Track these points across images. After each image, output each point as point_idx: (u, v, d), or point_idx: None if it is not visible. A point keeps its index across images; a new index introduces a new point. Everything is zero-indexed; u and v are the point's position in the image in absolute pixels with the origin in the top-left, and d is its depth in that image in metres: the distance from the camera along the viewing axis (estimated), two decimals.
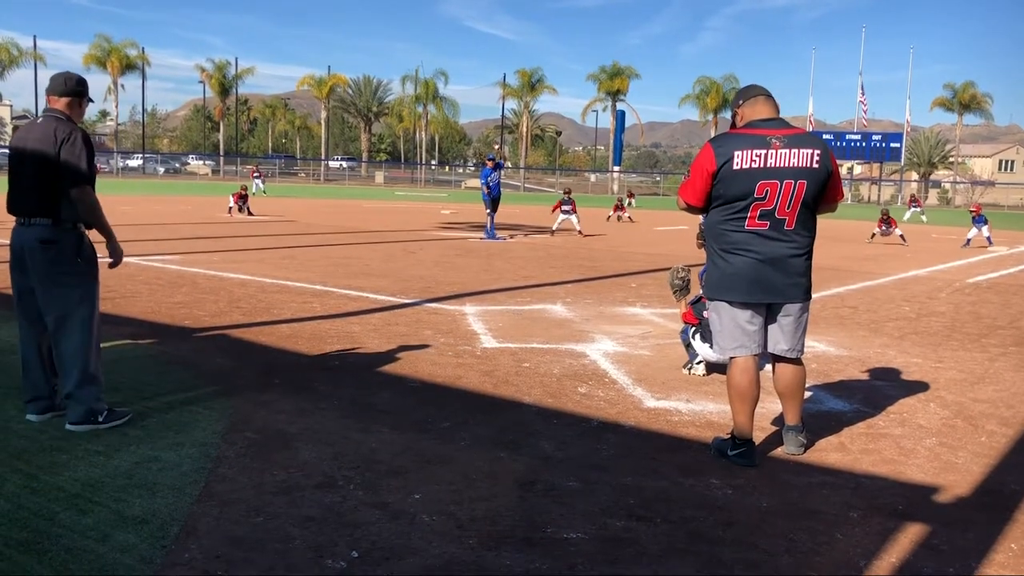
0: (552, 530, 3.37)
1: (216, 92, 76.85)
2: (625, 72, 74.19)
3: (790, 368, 4.35)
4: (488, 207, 18.49)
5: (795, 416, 4.40)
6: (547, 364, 6.19)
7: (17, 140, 4.42)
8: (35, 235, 4.28)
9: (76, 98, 4.43)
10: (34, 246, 4.28)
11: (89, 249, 4.42)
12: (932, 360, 6.84)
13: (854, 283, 12.06)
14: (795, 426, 4.40)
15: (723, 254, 4.20)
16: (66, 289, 4.33)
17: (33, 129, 4.37)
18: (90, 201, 4.28)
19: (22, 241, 4.32)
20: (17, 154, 4.35)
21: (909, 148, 69.96)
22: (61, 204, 4.25)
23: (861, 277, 12.92)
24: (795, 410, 4.39)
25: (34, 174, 4.27)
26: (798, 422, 4.40)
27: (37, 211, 4.27)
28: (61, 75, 4.47)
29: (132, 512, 3.38)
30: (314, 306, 8.49)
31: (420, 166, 79.39)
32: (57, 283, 4.31)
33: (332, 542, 3.19)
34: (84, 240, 4.38)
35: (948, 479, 4.09)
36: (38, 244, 4.27)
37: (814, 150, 4.08)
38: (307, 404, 4.98)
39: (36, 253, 4.28)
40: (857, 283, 12.11)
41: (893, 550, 3.28)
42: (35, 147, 4.26)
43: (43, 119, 4.38)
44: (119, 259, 4.53)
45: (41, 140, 4.25)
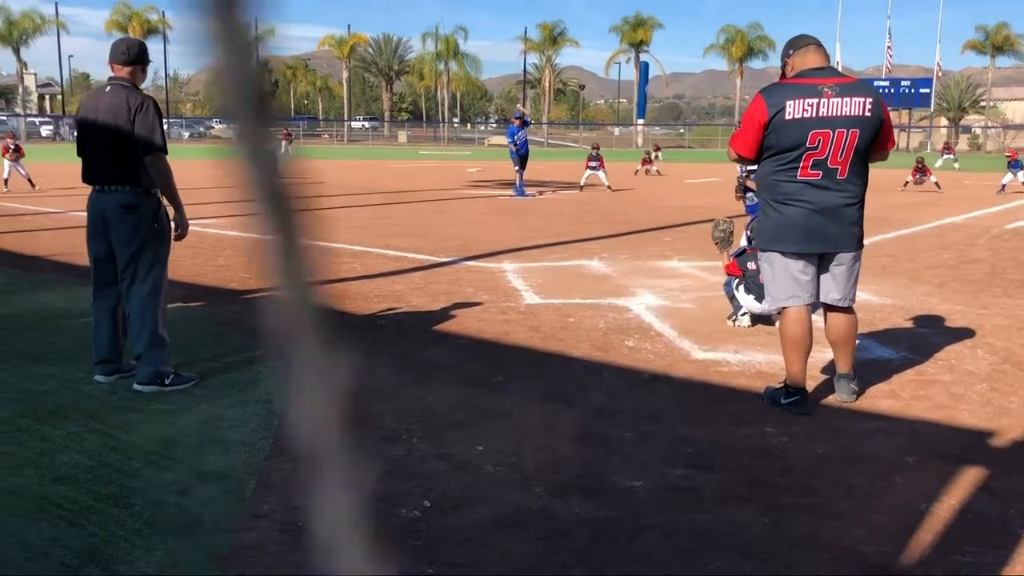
0: (614, 479, 3.46)
1: None
2: (648, 22, 73.03)
3: (843, 317, 4.38)
4: (516, 164, 18.45)
5: (847, 364, 4.44)
6: (591, 319, 6.26)
7: (87, 110, 4.50)
8: (117, 201, 4.41)
9: (139, 65, 4.52)
10: (117, 211, 4.41)
11: (165, 215, 4.55)
12: (975, 307, 6.83)
13: (891, 231, 11.97)
14: (847, 374, 4.44)
15: (776, 205, 4.21)
16: (144, 253, 4.45)
17: (102, 97, 4.46)
18: (164, 168, 4.40)
19: (103, 207, 4.44)
20: (89, 124, 4.43)
21: (939, 93, 68.61)
22: (140, 171, 4.37)
23: (897, 225, 12.81)
24: (847, 358, 4.43)
25: (109, 143, 4.37)
26: (850, 370, 4.44)
27: (117, 178, 4.39)
28: (123, 42, 4.56)
29: (208, 468, 3.51)
30: (355, 266, 8.59)
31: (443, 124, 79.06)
32: (136, 247, 4.43)
33: (405, 492, 3.30)
34: (161, 206, 4.51)
35: (1002, 424, 4.13)
36: (120, 210, 4.40)
37: (866, 98, 4.07)
38: (361, 361, 5.09)
39: (119, 218, 4.41)
40: (894, 231, 12.02)
41: (953, 493, 3.33)
42: (108, 117, 4.34)
43: (111, 88, 4.46)
44: (185, 230, 4.66)
45: (114, 109, 4.34)
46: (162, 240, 4.55)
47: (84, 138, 4.50)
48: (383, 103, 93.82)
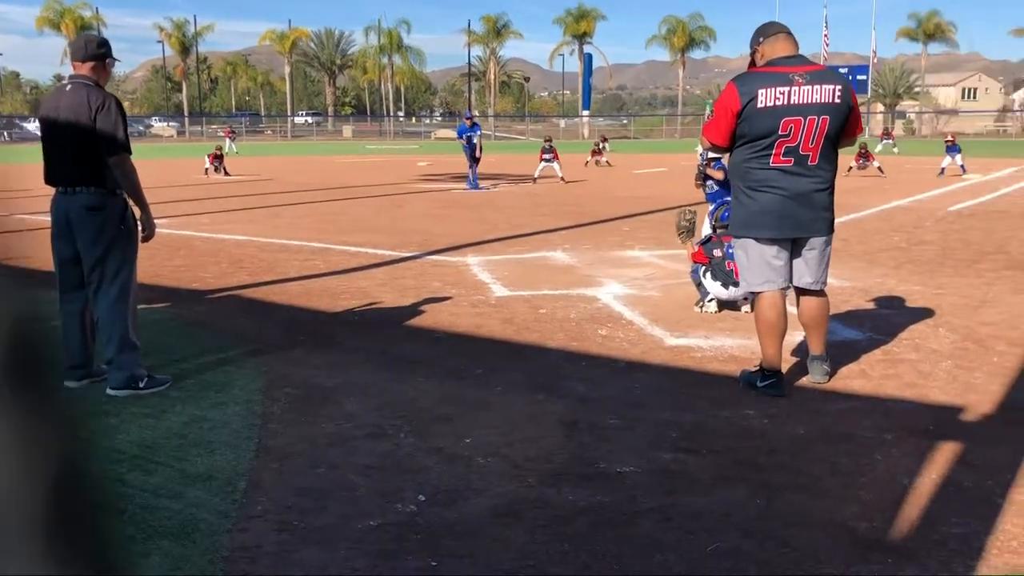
0: (605, 465, 3.50)
1: (176, 51, 75.28)
2: (592, 14, 73.47)
3: (815, 300, 4.48)
4: (469, 158, 18.44)
5: (820, 346, 4.54)
6: (563, 309, 6.30)
7: (48, 109, 4.37)
8: (81, 203, 4.28)
9: (100, 61, 4.38)
10: (81, 214, 4.28)
11: (132, 216, 4.43)
12: (932, 287, 7.03)
13: (841, 216, 12.12)
14: (820, 355, 4.54)
15: (749, 192, 4.28)
16: (110, 255, 4.35)
17: (63, 96, 4.32)
18: (128, 168, 4.29)
19: (67, 209, 4.32)
20: (51, 124, 4.32)
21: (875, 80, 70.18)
22: (104, 171, 4.26)
23: (846, 210, 13.06)
24: (820, 340, 4.53)
25: (72, 143, 4.25)
26: (822, 351, 4.54)
27: (81, 179, 4.27)
28: (82, 38, 4.50)
29: (196, 470, 3.46)
30: (317, 263, 8.51)
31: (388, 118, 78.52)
32: (102, 249, 4.33)
33: (397, 488, 3.29)
34: (127, 207, 4.39)
35: (970, 399, 4.26)
36: (85, 211, 4.28)
37: (836, 85, 4.16)
38: (338, 358, 5.06)
39: (84, 220, 4.29)
40: (844, 216, 12.22)
41: (932, 468, 3.44)
42: (69, 116, 4.22)
43: (72, 86, 4.33)
44: (152, 231, 4.55)
45: (74, 108, 4.22)
46: (129, 242, 4.44)
47: (47, 139, 4.38)
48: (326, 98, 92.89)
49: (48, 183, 4.44)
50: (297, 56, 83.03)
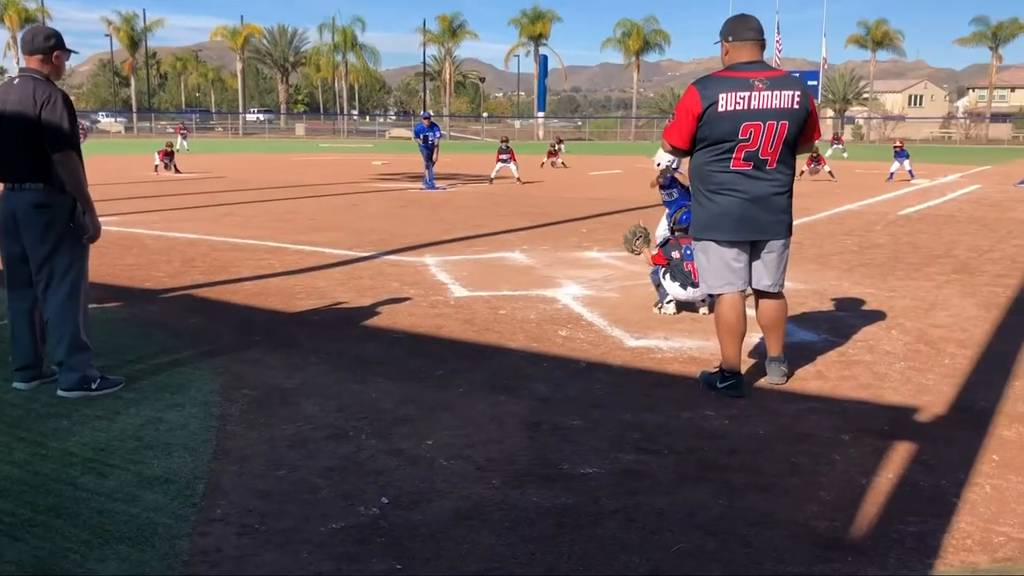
0: (568, 466, 3.50)
1: (125, 45, 73.81)
2: (547, 16, 73.60)
3: (773, 302, 4.53)
4: (426, 158, 18.37)
5: (778, 348, 4.60)
6: (522, 310, 6.29)
7: None
8: (28, 200, 4.15)
9: (47, 54, 4.21)
10: (28, 211, 4.16)
11: (81, 215, 4.27)
12: (884, 290, 7.17)
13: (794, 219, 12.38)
14: (778, 357, 4.60)
15: (709, 195, 4.32)
16: (59, 254, 4.22)
17: (11, 91, 4.18)
18: (72, 166, 4.13)
19: (14, 206, 4.19)
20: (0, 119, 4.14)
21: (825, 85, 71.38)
22: (52, 168, 4.12)
23: (800, 213, 13.14)
24: (778, 342, 4.59)
25: (18, 139, 4.11)
26: (780, 353, 4.60)
27: (28, 176, 4.14)
28: (30, 31, 4.30)
29: (153, 473, 3.39)
30: (272, 263, 8.40)
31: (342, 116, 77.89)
32: (50, 247, 4.20)
33: (359, 490, 3.26)
34: (76, 205, 4.24)
35: (923, 400, 4.35)
36: (32, 209, 4.16)
37: (795, 92, 4.21)
38: (296, 359, 4.99)
39: (30, 218, 4.17)
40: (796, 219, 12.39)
41: (889, 467, 3.50)
42: (15, 110, 4.09)
43: (20, 80, 4.20)
44: (96, 233, 4.33)
45: (20, 103, 4.08)
46: (78, 240, 4.29)
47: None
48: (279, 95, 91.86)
49: None
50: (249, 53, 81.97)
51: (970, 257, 9.03)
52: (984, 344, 5.45)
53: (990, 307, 6.51)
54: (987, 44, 71.11)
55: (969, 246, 9.88)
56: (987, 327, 5.89)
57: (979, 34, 70.88)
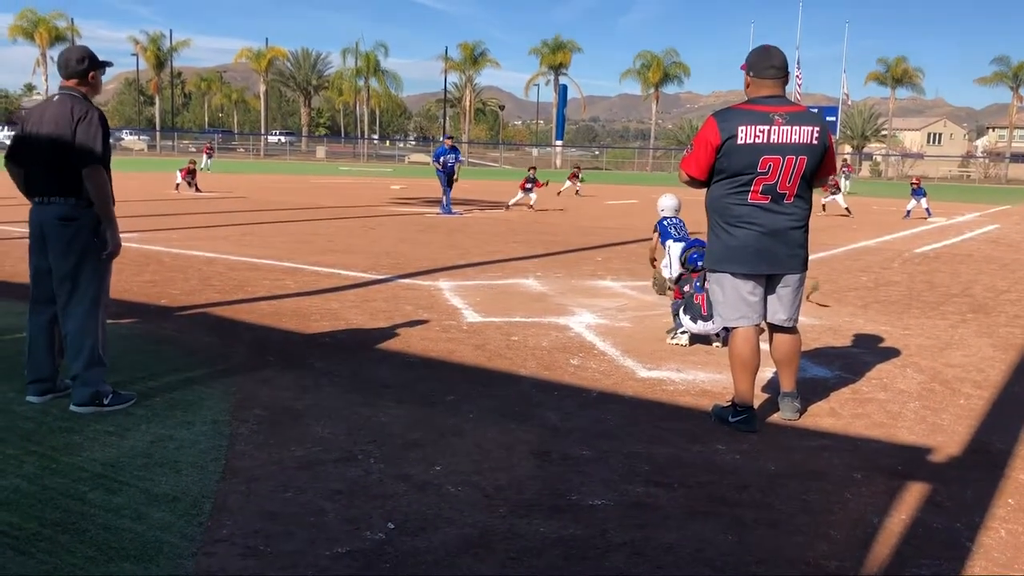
0: (576, 497, 3.47)
1: (151, 65, 74.87)
2: (567, 46, 74.22)
3: (787, 337, 4.51)
4: (444, 183, 18.44)
5: (791, 383, 4.56)
6: (535, 337, 6.28)
7: (33, 120, 4.33)
8: (55, 213, 4.25)
9: (82, 76, 4.35)
10: (54, 224, 4.25)
11: (104, 231, 4.32)
12: (899, 328, 7.12)
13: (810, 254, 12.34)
14: (791, 392, 4.56)
15: (727, 227, 4.32)
16: (82, 268, 4.29)
17: (48, 108, 4.31)
18: (100, 181, 4.22)
19: (41, 220, 4.30)
20: (33, 134, 4.28)
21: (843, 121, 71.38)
22: (81, 183, 4.21)
23: (816, 248, 13.15)
24: (791, 377, 4.56)
25: (50, 154, 4.22)
26: (793, 388, 4.57)
27: (56, 190, 4.24)
28: (63, 55, 4.41)
29: (160, 490, 3.39)
30: (287, 283, 8.44)
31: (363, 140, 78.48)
32: (73, 261, 4.27)
33: (366, 514, 3.25)
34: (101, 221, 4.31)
35: (937, 440, 4.30)
36: (57, 222, 4.24)
37: (814, 127, 4.21)
38: (308, 381, 5.00)
39: (55, 231, 4.25)
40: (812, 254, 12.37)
41: (901, 508, 3.45)
42: (51, 126, 4.21)
43: (59, 97, 4.33)
44: (116, 250, 4.37)
45: (57, 119, 4.21)
46: (100, 256, 4.33)
47: (29, 149, 4.32)
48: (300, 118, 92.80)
49: (27, 195, 4.40)
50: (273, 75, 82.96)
51: (987, 297, 8.96)
52: (1000, 385, 5.39)
53: (1007, 348, 6.45)
54: (1008, 84, 71.01)
55: (986, 286, 9.81)
56: (1003, 368, 5.83)
57: (1000, 74, 70.81)
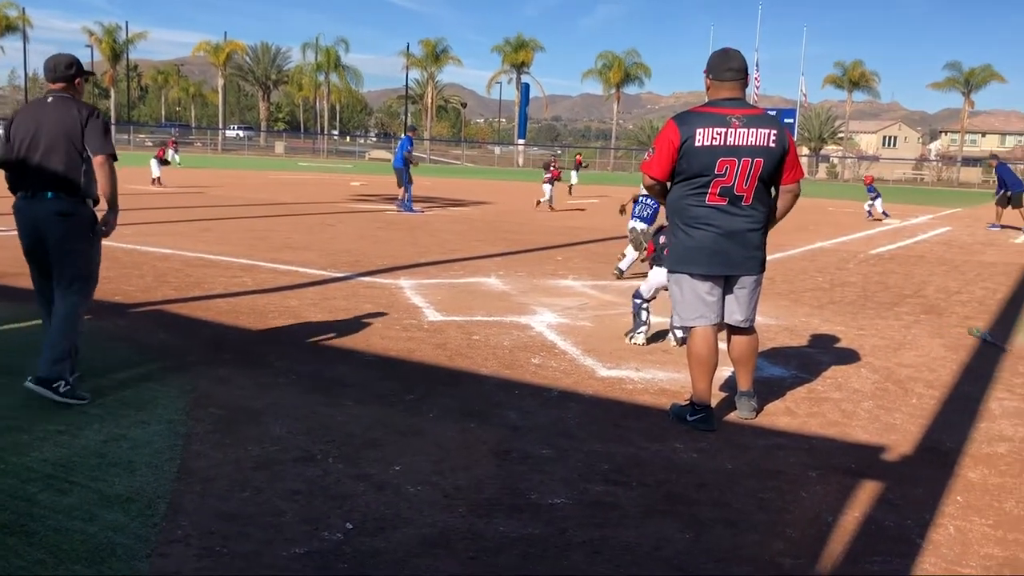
0: (536, 496, 3.48)
1: (106, 57, 73.51)
2: (530, 44, 74.27)
3: (744, 337, 4.56)
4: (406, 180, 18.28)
5: (748, 382, 4.62)
6: (496, 336, 6.28)
7: (28, 119, 4.49)
8: (53, 208, 4.41)
9: (69, 81, 4.58)
10: (52, 218, 4.41)
11: (97, 223, 4.55)
12: (854, 328, 7.23)
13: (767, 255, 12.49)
14: (748, 392, 4.62)
15: (685, 228, 4.35)
16: (76, 258, 4.49)
17: (45, 108, 4.49)
18: (111, 171, 4.48)
19: (36, 214, 4.44)
20: (31, 132, 4.43)
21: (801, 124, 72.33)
22: (79, 179, 4.43)
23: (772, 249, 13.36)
24: (748, 376, 4.62)
25: (53, 151, 4.40)
26: (750, 388, 4.63)
27: (54, 186, 4.41)
28: (51, 60, 4.60)
29: (114, 491, 3.33)
30: (245, 280, 8.34)
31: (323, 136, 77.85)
32: (70, 252, 4.47)
33: (324, 515, 3.22)
34: (95, 217, 4.54)
35: (890, 439, 4.38)
36: (56, 216, 4.41)
37: (771, 130, 4.26)
38: (265, 379, 4.94)
39: (53, 225, 4.42)
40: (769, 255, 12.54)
41: (855, 505, 3.51)
42: (57, 125, 4.41)
43: (55, 99, 4.52)
44: (111, 229, 4.59)
45: (62, 119, 4.42)
46: (95, 247, 4.58)
47: (23, 146, 4.44)
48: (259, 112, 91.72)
49: (18, 189, 4.51)
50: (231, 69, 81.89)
51: (939, 298, 9.15)
52: (951, 385, 5.50)
53: (958, 348, 6.59)
54: (960, 89, 72.53)
55: (938, 287, 10.01)
56: (954, 368, 5.95)
57: (952, 79, 72.30)
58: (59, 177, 4.39)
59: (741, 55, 4.37)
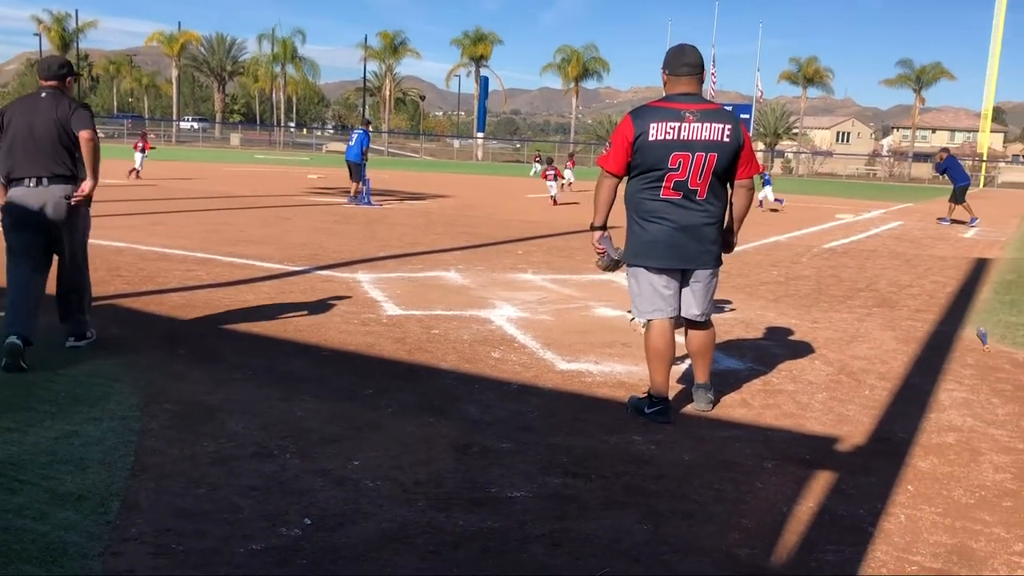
0: (496, 490, 3.49)
1: (56, 46, 71.83)
2: (489, 38, 74.08)
3: (701, 330, 4.61)
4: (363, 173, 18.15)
5: (704, 375, 4.67)
6: (456, 330, 6.27)
7: (24, 112, 5.04)
8: (60, 193, 5.05)
9: (61, 80, 5.18)
10: (60, 202, 5.05)
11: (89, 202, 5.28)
12: (808, 321, 7.35)
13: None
14: (704, 384, 4.67)
15: (641, 222, 4.38)
16: (80, 233, 5.31)
17: (39, 102, 5.07)
18: (97, 144, 5.13)
19: (43, 199, 5.01)
20: (27, 124, 4.99)
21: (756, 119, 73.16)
22: (76, 165, 5.10)
23: None
24: (705, 369, 4.67)
25: (51, 141, 5.00)
26: (707, 380, 4.68)
27: (57, 173, 5.02)
28: (45, 61, 5.30)
29: (65, 489, 3.27)
30: (200, 274, 8.23)
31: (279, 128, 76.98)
32: (76, 228, 5.22)
33: (282, 510, 3.20)
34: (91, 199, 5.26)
35: (844, 430, 4.46)
36: (64, 200, 5.06)
37: (726, 124, 4.30)
38: (221, 374, 4.89)
39: (61, 207, 5.06)
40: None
41: (809, 496, 3.57)
42: (50, 117, 5.00)
43: (48, 95, 5.10)
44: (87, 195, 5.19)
45: (56, 112, 5.01)
46: (88, 223, 5.39)
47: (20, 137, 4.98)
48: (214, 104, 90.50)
49: (16, 176, 4.98)
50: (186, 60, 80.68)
51: (891, 291, 9.32)
52: (903, 376, 5.61)
53: (909, 341, 6.72)
54: (911, 86, 73.90)
55: (890, 280, 10.20)
56: (906, 360, 6.07)
57: (904, 76, 73.63)
58: (62, 165, 5.04)
59: (697, 51, 4.42)
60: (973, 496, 3.64)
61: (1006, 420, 4.73)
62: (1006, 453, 4.19)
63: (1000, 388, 5.38)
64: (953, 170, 20.16)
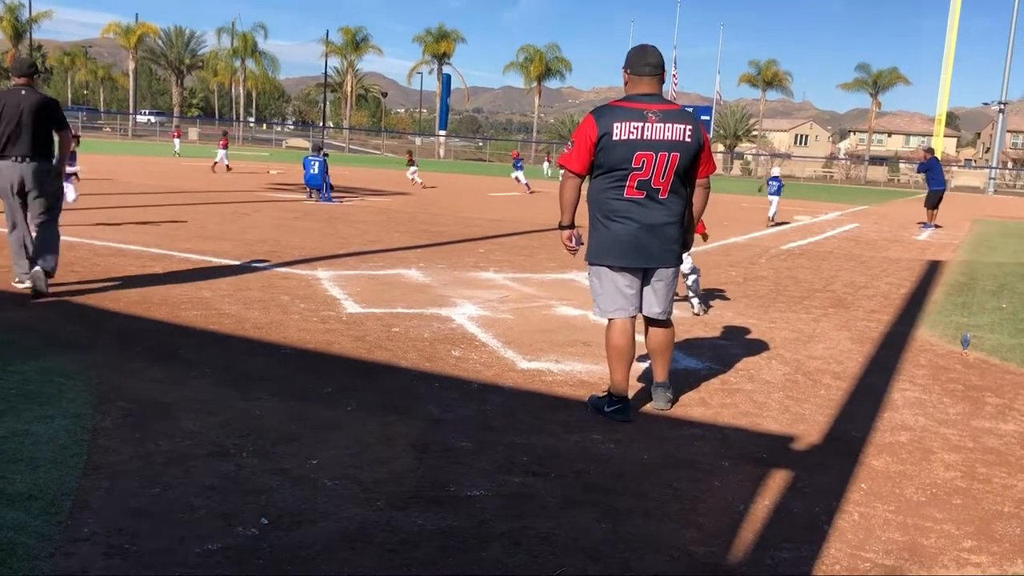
0: (455, 488, 3.48)
1: (8, 36, 70.36)
2: (451, 35, 73.97)
3: (661, 329, 4.64)
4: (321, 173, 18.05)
5: (664, 374, 4.70)
6: (416, 329, 6.25)
7: (12, 101, 6.46)
8: (39, 168, 6.60)
9: (30, 76, 6.75)
10: (38, 175, 6.60)
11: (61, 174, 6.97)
12: (765, 321, 7.43)
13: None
14: (663, 383, 4.70)
15: (604, 221, 4.40)
16: (52, 198, 6.80)
17: (24, 95, 6.53)
18: (68, 138, 6.97)
19: (23, 173, 6.52)
20: (15, 111, 6.43)
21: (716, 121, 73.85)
22: (51, 146, 6.73)
23: None
24: (664, 368, 4.70)
25: (35, 126, 6.51)
26: (666, 379, 4.71)
27: (38, 152, 6.58)
28: (17, 60, 6.79)
29: (15, 488, 3.20)
30: (156, 270, 8.11)
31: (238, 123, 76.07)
32: (49, 195, 6.72)
33: (239, 510, 3.16)
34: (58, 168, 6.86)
35: (799, 429, 4.52)
36: (42, 172, 6.63)
37: (687, 125, 4.34)
38: (177, 372, 4.82)
39: (37, 178, 6.60)
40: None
41: (765, 494, 3.61)
42: (36, 107, 6.53)
43: (27, 90, 6.61)
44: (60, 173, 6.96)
45: (38, 103, 6.56)
46: (59, 188, 7.02)
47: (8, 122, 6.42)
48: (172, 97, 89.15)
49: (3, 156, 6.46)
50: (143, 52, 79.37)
51: (847, 292, 9.47)
52: (857, 376, 5.70)
53: (864, 341, 6.83)
54: (868, 91, 75.17)
55: (846, 282, 10.36)
56: (860, 360, 6.17)
57: (861, 80, 74.88)
58: (42, 146, 6.59)
59: (659, 51, 4.44)
60: (924, 494, 3.71)
61: (957, 419, 4.83)
62: (956, 452, 4.28)
63: (952, 388, 5.49)
64: (934, 172, 20.30)
